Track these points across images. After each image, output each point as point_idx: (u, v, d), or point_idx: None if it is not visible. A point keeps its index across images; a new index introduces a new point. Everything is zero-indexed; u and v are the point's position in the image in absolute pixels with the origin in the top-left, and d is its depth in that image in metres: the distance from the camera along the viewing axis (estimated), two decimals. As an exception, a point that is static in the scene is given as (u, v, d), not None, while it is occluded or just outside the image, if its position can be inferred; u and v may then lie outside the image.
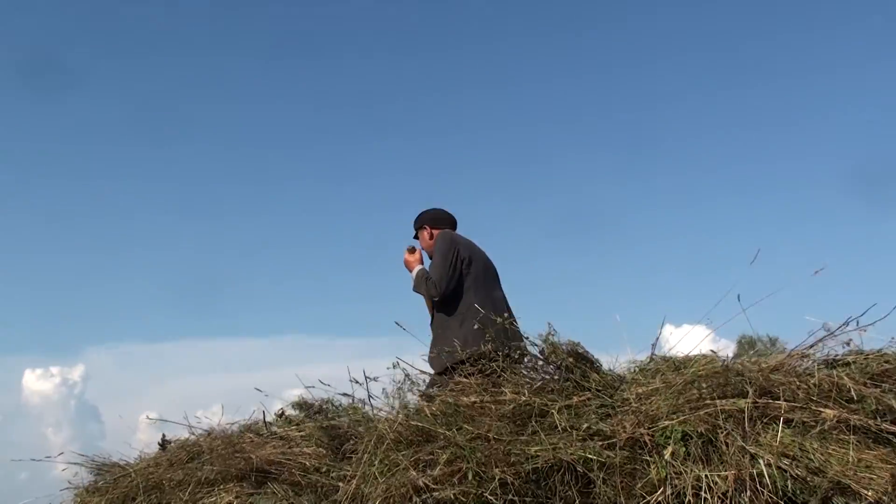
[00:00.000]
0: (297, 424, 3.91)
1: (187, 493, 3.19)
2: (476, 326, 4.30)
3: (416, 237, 5.20)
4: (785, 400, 3.16)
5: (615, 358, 3.90)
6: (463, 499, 2.84)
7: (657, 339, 3.89)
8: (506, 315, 4.27)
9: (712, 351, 3.68)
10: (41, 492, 3.96)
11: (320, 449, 3.42)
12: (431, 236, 5.06)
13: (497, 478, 2.90)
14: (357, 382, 3.82)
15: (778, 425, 3.05)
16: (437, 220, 5.13)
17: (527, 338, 3.52)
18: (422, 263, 4.92)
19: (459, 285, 4.70)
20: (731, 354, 3.79)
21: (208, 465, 3.34)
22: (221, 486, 3.16)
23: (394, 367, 3.98)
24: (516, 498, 2.92)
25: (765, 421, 3.11)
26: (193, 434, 4.10)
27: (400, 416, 3.13)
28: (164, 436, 4.19)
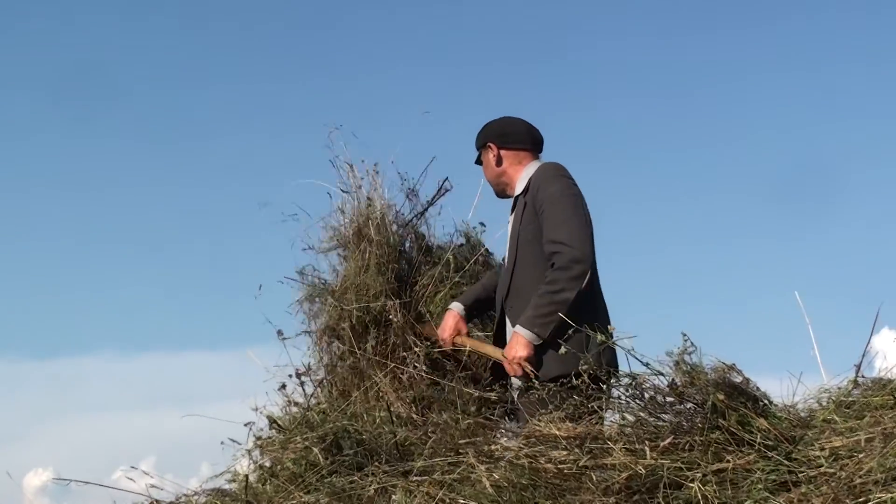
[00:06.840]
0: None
1: None
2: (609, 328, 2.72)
3: (478, 162, 3.41)
4: None
5: (796, 382, 2.59)
6: None
7: (866, 351, 2.59)
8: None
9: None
10: None
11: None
12: (499, 161, 3.26)
13: None
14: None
15: None
16: (507, 137, 3.26)
17: (646, 363, 2.27)
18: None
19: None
20: None
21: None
22: None
23: None
24: None
25: None
26: None
27: (441, 492, 2.04)
28: None
